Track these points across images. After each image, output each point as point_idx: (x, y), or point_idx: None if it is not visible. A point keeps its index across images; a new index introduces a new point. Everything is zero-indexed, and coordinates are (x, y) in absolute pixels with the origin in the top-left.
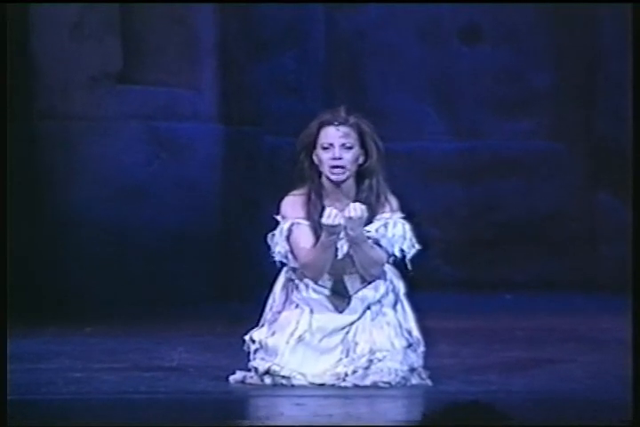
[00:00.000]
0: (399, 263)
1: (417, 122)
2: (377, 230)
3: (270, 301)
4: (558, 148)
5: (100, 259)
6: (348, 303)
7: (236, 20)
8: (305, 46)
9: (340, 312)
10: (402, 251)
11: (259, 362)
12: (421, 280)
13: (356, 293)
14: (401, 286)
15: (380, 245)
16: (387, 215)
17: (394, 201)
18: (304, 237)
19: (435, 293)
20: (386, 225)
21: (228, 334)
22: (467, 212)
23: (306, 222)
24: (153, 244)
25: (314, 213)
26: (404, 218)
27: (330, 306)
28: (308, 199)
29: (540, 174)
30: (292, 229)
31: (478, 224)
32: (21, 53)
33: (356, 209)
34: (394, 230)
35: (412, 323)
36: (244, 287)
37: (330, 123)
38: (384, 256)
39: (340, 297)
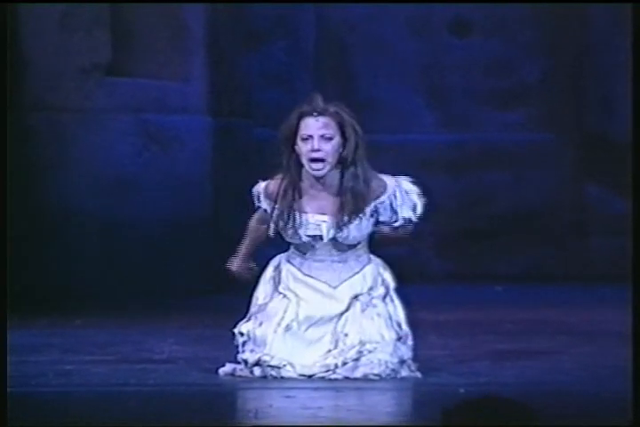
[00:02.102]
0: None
1: (407, 114)
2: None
3: (257, 293)
4: (548, 139)
5: (89, 251)
6: (335, 292)
7: (226, 12)
8: (295, 38)
9: (327, 301)
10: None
11: (248, 354)
12: (412, 273)
13: (342, 282)
14: (391, 281)
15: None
16: (384, 198)
17: (385, 179)
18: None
19: (425, 285)
20: (393, 195)
21: (218, 327)
22: (457, 204)
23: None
24: (143, 236)
25: (281, 201)
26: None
27: (316, 295)
28: (283, 187)
29: (530, 166)
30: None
31: (468, 216)
32: (11, 45)
33: None
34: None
35: (401, 316)
36: (235, 280)
37: (309, 114)
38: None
39: (326, 286)
